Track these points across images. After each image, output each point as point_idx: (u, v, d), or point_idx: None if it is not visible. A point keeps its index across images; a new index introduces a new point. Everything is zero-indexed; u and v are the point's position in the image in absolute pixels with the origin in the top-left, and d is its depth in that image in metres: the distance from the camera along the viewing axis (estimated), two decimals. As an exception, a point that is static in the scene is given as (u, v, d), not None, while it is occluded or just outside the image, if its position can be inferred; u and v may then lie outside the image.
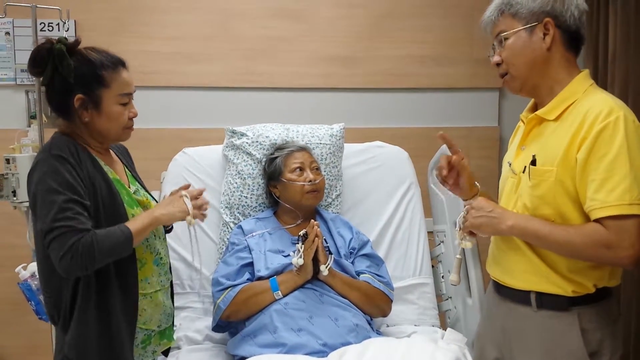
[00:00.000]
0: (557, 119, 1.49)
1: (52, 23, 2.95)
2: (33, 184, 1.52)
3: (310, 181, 2.14)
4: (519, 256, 1.54)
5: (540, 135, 1.53)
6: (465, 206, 1.59)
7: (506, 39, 1.52)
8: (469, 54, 3.22)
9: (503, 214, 1.51)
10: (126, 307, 1.61)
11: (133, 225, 1.54)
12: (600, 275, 1.48)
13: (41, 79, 1.57)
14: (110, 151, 1.73)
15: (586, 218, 1.44)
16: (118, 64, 1.61)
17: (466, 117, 3.29)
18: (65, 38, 1.57)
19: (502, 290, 1.61)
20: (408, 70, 3.20)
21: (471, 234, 1.60)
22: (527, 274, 1.53)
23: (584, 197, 1.42)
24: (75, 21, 2.95)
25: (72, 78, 1.54)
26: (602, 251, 1.39)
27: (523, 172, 1.53)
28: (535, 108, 1.60)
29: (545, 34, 1.49)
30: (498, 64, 1.56)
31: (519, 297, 1.55)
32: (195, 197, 1.70)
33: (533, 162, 1.49)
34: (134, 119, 1.66)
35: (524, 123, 1.61)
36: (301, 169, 2.18)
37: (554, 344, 1.49)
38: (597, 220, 1.40)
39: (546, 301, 1.50)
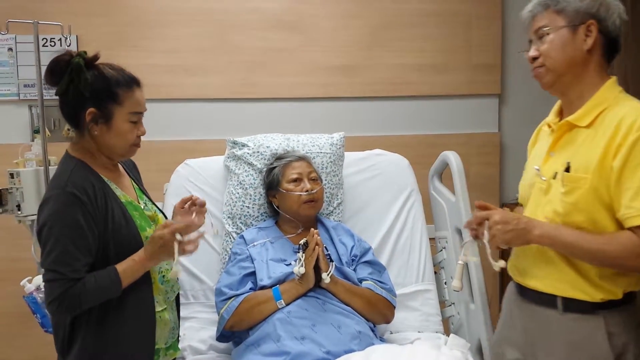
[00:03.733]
0: (589, 125, 1.49)
1: (54, 38, 2.98)
2: (44, 215, 1.53)
3: (307, 191, 2.16)
4: (545, 261, 1.54)
5: (572, 142, 1.52)
6: (486, 221, 1.52)
7: (548, 34, 1.51)
8: (468, 61, 3.25)
9: (529, 223, 1.49)
10: (142, 334, 1.63)
11: (122, 269, 1.55)
12: (629, 281, 1.49)
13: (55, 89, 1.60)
14: (119, 165, 1.75)
15: (618, 225, 1.44)
16: (133, 83, 1.63)
17: (466, 124, 3.31)
18: (85, 52, 1.59)
19: (526, 293, 1.61)
20: (407, 78, 3.23)
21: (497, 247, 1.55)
22: (553, 280, 1.53)
23: (619, 205, 1.42)
24: (77, 36, 2.99)
25: (88, 92, 1.56)
26: (636, 260, 1.39)
27: (554, 178, 1.52)
28: (561, 113, 1.61)
29: (587, 36, 1.49)
30: (534, 58, 1.55)
31: (544, 299, 1.55)
32: (186, 232, 1.65)
33: (567, 169, 1.48)
34: (141, 136, 1.68)
35: (550, 128, 1.61)
36: (299, 179, 2.19)
37: (579, 347, 1.50)
38: (630, 229, 1.41)
39: (572, 305, 1.50)
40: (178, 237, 1.59)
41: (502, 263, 1.55)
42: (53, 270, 1.49)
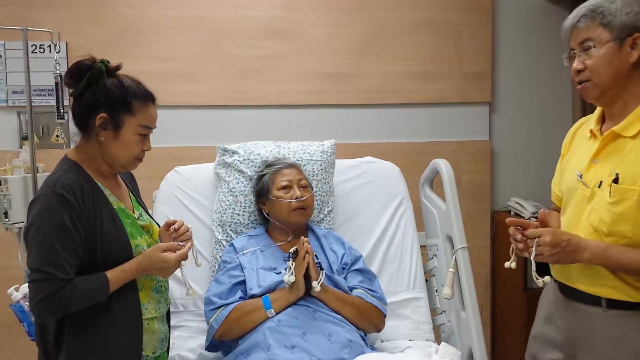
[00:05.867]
0: (634, 136, 1.51)
1: (43, 45, 2.97)
2: (31, 216, 1.52)
3: (296, 198, 2.15)
4: (588, 269, 1.56)
5: (617, 152, 1.54)
6: (535, 239, 1.53)
7: (594, 47, 1.52)
8: (458, 69, 3.26)
9: (578, 245, 1.51)
10: (130, 339, 1.61)
11: (112, 277, 1.55)
12: None
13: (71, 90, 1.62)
14: (117, 175, 1.75)
15: None
16: (149, 98, 1.67)
17: (457, 132, 3.32)
18: (108, 61, 1.62)
19: (569, 292, 1.64)
20: (398, 86, 3.23)
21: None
22: (597, 285, 1.56)
23: None
24: (66, 43, 2.97)
25: (103, 97, 1.58)
26: None
27: (599, 186, 1.54)
28: (602, 120, 1.62)
29: (632, 49, 1.51)
30: (579, 71, 1.56)
31: (588, 298, 1.58)
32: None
33: (615, 180, 1.50)
34: (145, 152, 1.69)
35: (592, 135, 1.62)
36: (289, 186, 2.18)
37: (622, 343, 1.53)
38: None
39: (615, 304, 1.54)
40: (182, 262, 1.69)
41: (547, 278, 1.59)
42: (41, 270, 1.47)
